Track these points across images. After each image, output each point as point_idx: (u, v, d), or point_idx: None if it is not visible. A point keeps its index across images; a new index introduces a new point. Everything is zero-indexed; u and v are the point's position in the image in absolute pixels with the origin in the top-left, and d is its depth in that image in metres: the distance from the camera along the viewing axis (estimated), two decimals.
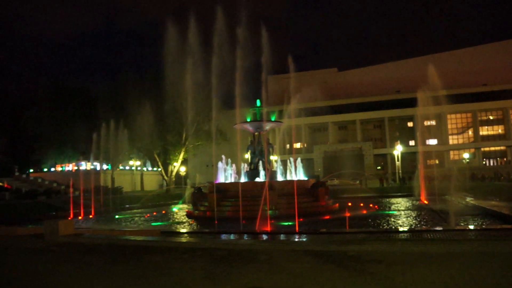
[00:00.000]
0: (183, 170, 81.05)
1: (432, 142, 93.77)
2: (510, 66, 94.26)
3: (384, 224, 21.28)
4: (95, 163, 73.86)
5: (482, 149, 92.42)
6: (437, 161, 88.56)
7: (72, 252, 12.14)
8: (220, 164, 34.95)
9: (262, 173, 32.15)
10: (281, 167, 34.31)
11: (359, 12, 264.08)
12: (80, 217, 32.61)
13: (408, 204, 34.21)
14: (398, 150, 74.94)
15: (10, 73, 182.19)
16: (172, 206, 42.34)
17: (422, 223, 21.43)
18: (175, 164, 72.64)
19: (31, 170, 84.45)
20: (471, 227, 18.64)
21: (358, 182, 68.42)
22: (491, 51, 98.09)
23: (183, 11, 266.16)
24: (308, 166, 76.59)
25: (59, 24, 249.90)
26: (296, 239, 16.41)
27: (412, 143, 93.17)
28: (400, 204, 34.55)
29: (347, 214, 23.39)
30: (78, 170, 73.73)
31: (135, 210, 38.88)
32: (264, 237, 17.97)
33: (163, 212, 35.66)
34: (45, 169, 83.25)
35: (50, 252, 12.36)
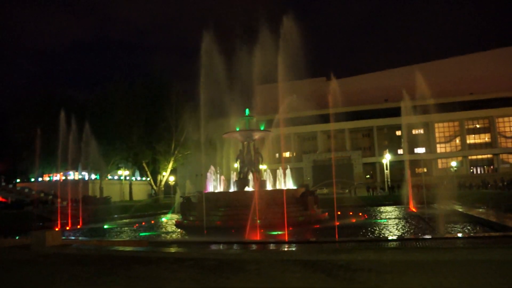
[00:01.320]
0: (172, 179, 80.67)
1: (420, 150, 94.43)
2: (496, 75, 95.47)
3: (374, 233, 21.31)
4: (83, 173, 73.27)
5: (469, 157, 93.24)
6: (425, 170, 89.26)
7: (60, 263, 11.98)
8: (209, 174, 34.85)
9: (251, 182, 32.10)
10: (271, 177, 34.27)
11: (347, 22, 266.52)
12: (67, 228, 32.25)
13: (397, 212, 34.34)
14: (386, 158, 75.35)
15: None
16: (161, 216, 42.06)
17: (411, 231, 21.51)
18: (164, 173, 72.36)
19: (18, 180, 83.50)
20: (460, 235, 18.73)
21: (347, 191, 68.58)
22: (477, 60, 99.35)
23: (172, 21, 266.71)
24: (298, 175, 76.66)
25: (49, 33, 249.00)
26: (286, 249, 16.37)
27: (400, 151, 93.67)
28: (389, 212, 34.66)
29: (337, 223, 23.44)
30: (66, 180, 73.05)
31: (124, 220, 38.56)
32: (254, 246, 17.89)
33: (152, 222, 35.40)
34: (33, 179, 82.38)
35: (37, 263, 12.19)
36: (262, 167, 35.39)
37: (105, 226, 32.55)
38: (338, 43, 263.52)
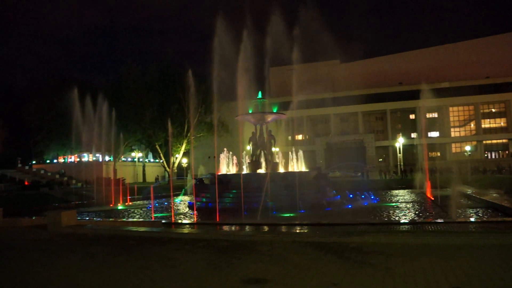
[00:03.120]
0: (185, 161, 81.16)
1: (434, 134, 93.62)
2: None
3: (386, 216, 21.34)
4: (97, 155, 74.00)
5: (484, 142, 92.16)
6: (439, 154, 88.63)
7: (75, 243, 12.23)
8: (221, 156, 35.00)
9: (263, 164, 32.19)
10: (283, 159, 34.30)
11: (362, 3, 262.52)
12: (83, 208, 32.74)
13: (409, 196, 34.24)
14: (399, 142, 74.83)
15: (14, 67, 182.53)
16: (174, 197, 42.44)
17: (423, 215, 21.49)
18: (177, 155, 72.79)
19: (34, 162, 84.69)
20: (472, 219, 18.67)
21: (359, 174, 68.42)
22: (494, 43, 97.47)
23: (185, 5, 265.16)
24: (310, 158, 76.57)
25: (63, 18, 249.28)
26: (298, 231, 16.48)
27: (413, 135, 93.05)
28: (401, 196, 34.57)
29: (349, 206, 23.44)
30: (80, 161, 73.91)
31: (137, 202, 39.02)
32: (266, 228, 18.03)
33: (165, 203, 35.81)
34: (48, 161, 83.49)
35: (53, 243, 12.45)
36: (275, 149, 35.39)
37: (119, 207, 33.00)
38: (352, 25, 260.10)
